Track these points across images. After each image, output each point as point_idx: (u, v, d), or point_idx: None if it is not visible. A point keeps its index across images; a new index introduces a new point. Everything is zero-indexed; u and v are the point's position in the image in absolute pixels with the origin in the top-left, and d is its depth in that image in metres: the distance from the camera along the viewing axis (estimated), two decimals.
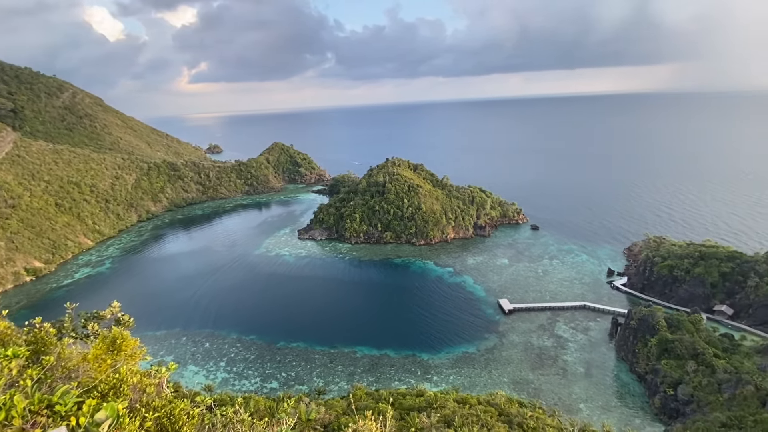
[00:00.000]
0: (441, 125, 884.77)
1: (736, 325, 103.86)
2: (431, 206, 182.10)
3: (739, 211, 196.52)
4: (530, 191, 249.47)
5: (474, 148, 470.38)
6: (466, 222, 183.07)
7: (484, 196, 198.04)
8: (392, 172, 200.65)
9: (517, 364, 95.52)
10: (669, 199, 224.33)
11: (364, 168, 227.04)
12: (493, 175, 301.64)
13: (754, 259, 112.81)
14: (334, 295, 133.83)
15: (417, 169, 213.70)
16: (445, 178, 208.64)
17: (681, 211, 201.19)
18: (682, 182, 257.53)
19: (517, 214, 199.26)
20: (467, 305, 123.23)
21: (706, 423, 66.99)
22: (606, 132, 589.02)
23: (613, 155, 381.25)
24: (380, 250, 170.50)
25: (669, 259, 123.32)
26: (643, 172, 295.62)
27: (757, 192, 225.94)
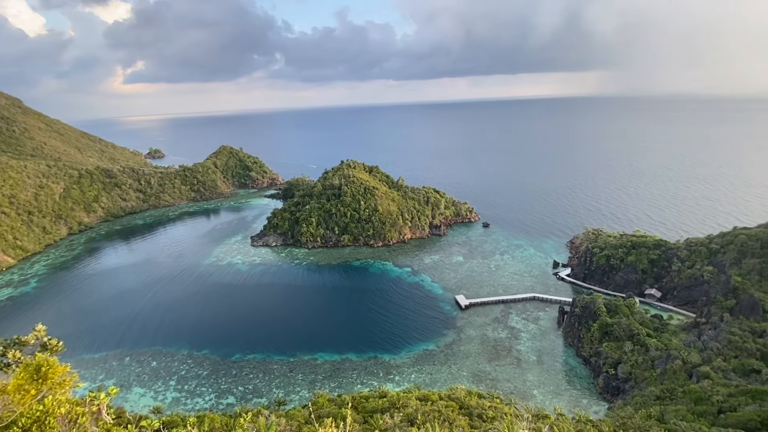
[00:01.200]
0: (394, 128, 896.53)
1: (664, 306, 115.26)
2: (388, 208, 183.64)
3: (660, 203, 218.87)
4: (480, 190, 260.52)
5: (426, 150, 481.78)
6: (422, 222, 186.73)
7: (438, 196, 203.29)
8: (348, 174, 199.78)
9: (474, 357, 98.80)
10: (602, 193, 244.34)
11: (320, 171, 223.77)
12: (445, 175, 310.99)
13: (676, 246, 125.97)
14: (292, 303, 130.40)
15: (373, 171, 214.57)
16: (400, 179, 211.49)
17: (612, 205, 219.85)
18: (611, 178, 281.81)
19: (469, 213, 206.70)
20: (426, 303, 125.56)
21: (642, 397, 73.50)
22: (545, 133, 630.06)
23: (552, 154, 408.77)
24: (338, 253, 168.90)
25: (606, 250, 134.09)
26: (578, 169, 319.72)
27: (673, 186, 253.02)
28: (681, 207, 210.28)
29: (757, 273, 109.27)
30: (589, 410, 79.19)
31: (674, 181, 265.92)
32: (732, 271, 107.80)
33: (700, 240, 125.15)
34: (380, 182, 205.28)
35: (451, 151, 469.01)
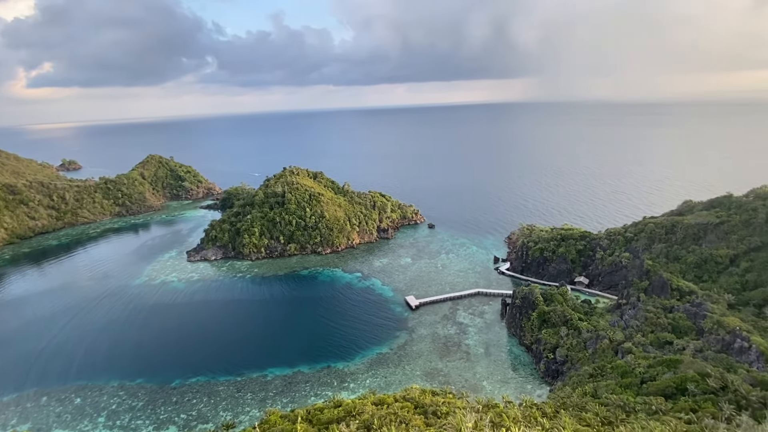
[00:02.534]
0: (336, 133, 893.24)
1: (592, 292, 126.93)
2: (335, 214, 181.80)
3: (582, 198, 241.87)
4: (424, 192, 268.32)
5: (370, 155, 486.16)
6: (369, 226, 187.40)
7: (384, 200, 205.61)
8: (291, 181, 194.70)
9: (427, 355, 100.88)
10: (532, 191, 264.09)
11: (264, 179, 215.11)
12: (390, 179, 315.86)
13: (599, 237, 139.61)
14: (237, 319, 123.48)
15: (317, 177, 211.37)
16: (346, 184, 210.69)
17: (542, 202, 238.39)
18: (539, 177, 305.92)
19: (415, 215, 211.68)
20: (377, 307, 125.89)
21: (578, 376, 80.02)
22: (479, 137, 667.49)
23: (486, 157, 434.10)
24: (285, 263, 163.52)
25: (539, 243, 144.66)
26: (510, 170, 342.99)
27: (592, 182, 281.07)
28: (599, 201, 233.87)
29: (664, 256, 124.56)
30: (533, 394, 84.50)
31: (592, 178, 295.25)
32: (644, 255, 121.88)
33: (617, 230, 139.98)
34: (325, 188, 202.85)
35: (394, 155, 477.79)
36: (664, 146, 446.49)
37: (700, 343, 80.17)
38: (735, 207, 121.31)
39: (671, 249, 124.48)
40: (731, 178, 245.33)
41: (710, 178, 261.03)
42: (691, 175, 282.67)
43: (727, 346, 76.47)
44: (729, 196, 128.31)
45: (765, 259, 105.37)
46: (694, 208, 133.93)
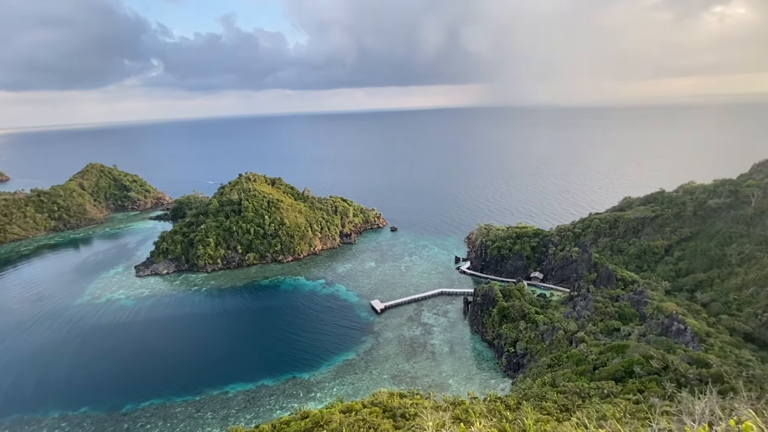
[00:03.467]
0: (295, 138, 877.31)
1: (547, 286, 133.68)
2: (295, 220, 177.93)
3: (534, 197, 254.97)
4: (386, 196, 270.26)
5: (330, 159, 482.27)
6: (332, 232, 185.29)
7: (346, 204, 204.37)
8: (248, 188, 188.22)
9: (394, 358, 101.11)
10: (488, 192, 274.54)
11: (217, 187, 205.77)
12: (351, 183, 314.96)
13: (550, 233, 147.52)
14: (193, 334, 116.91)
15: (276, 184, 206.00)
16: (306, 190, 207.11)
17: (498, 202, 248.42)
18: (493, 178, 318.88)
19: (377, 219, 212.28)
20: (342, 313, 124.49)
21: (537, 368, 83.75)
22: (436, 140, 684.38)
23: (443, 159, 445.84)
24: (243, 273, 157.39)
25: (497, 242, 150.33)
26: (467, 171, 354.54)
27: (541, 182, 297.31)
28: (549, 200, 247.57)
29: (609, 249, 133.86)
30: (497, 388, 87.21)
31: (541, 178, 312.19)
32: (592, 249, 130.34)
33: (566, 226, 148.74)
34: (285, 194, 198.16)
35: (354, 159, 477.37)
36: (603, 147, 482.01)
37: (643, 328, 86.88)
38: (667, 202, 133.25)
39: (615, 242, 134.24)
40: (662, 175, 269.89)
41: (645, 176, 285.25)
42: (628, 173, 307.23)
43: (666, 330, 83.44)
44: (662, 192, 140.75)
45: (694, 248, 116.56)
46: (632, 203, 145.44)
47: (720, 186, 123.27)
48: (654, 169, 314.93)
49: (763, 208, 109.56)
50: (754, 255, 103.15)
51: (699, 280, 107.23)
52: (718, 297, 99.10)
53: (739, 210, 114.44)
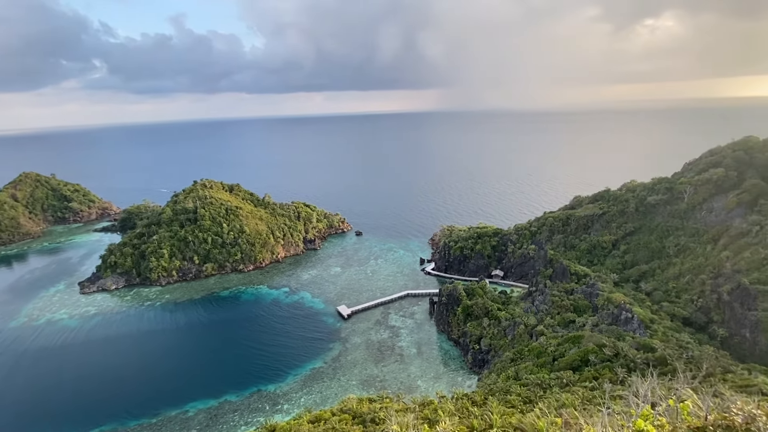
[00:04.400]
0: (253, 142, 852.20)
1: (507, 283, 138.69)
2: (256, 227, 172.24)
3: (491, 198, 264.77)
4: (350, 200, 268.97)
5: (290, 164, 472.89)
6: (295, 238, 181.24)
7: (309, 210, 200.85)
8: (204, 195, 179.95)
9: (362, 363, 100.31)
10: (448, 194, 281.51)
11: (171, 195, 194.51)
12: (314, 188, 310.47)
13: (509, 232, 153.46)
14: (147, 352, 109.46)
15: (234, 190, 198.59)
16: (266, 196, 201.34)
17: (458, 203, 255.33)
18: (453, 180, 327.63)
19: (342, 223, 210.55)
20: (308, 321, 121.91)
21: (501, 363, 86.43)
22: (396, 144, 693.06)
23: (404, 163, 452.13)
24: (201, 285, 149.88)
25: (459, 242, 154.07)
26: (428, 174, 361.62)
27: (498, 184, 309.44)
28: (506, 200, 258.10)
29: (563, 245, 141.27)
30: (464, 385, 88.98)
31: (498, 180, 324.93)
32: (547, 246, 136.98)
33: (524, 225, 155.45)
34: (244, 201, 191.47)
35: (316, 164, 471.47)
36: (554, 149, 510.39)
37: (595, 319, 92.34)
38: (612, 199, 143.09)
39: (568, 239, 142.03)
40: (608, 174, 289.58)
41: (592, 176, 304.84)
42: (577, 173, 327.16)
43: (616, 319, 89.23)
44: (607, 190, 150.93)
45: (637, 242, 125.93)
46: (582, 202, 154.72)
47: (657, 184, 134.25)
48: (600, 168, 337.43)
49: (694, 203, 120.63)
50: (688, 246, 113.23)
51: (642, 271, 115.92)
52: (660, 286, 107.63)
53: (674, 205, 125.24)
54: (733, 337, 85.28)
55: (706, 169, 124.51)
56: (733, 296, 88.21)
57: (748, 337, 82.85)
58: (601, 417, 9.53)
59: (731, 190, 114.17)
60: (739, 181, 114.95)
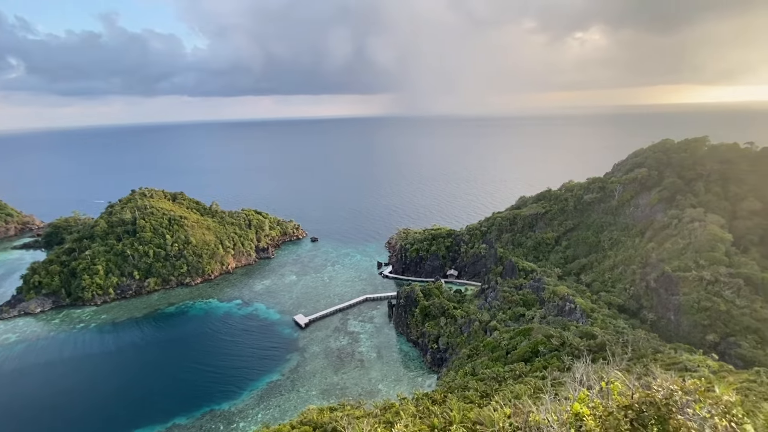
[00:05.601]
0: (197, 148, 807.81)
1: (462, 282, 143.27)
2: (203, 237, 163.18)
3: (444, 200, 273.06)
4: (304, 206, 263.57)
5: (239, 170, 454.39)
6: (246, 247, 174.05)
7: (261, 217, 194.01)
8: (144, 205, 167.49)
9: (321, 372, 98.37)
10: (403, 197, 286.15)
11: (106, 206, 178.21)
12: (265, 195, 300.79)
13: (461, 233, 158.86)
14: (81, 380, 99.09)
15: (177, 199, 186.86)
16: (214, 204, 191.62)
17: (412, 206, 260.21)
18: (407, 184, 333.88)
19: (296, 230, 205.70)
20: (263, 333, 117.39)
21: (459, 360, 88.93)
22: (349, 148, 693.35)
23: (358, 167, 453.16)
24: (143, 302, 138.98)
25: (415, 244, 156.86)
26: (381, 178, 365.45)
27: (449, 186, 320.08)
28: (457, 202, 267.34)
29: (511, 243, 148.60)
30: (424, 385, 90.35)
31: (448, 182, 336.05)
32: (497, 245, 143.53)
33: (475, 225, 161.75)
34: (189, 210, 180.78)
35: (266, 169, 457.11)
36: (499, 152, 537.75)
37: (543, 311, 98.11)
38: (554, 199, 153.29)
39: (515, 237, 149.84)
40: (548, 175, 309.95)
41: (535, 177, 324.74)
42: (521, 175, 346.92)
43: (561, 310, 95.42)
44: (549, 190, 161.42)
45: (577, 238, 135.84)
46: (527, 201, 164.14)
47: (592, 183, 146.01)
48: (541, 170, 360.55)
49: (623, 200, 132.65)
50: (620, 240, 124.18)
51: (582, 265, 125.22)
52: (597, 277, 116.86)
53: (607, 203, 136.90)
54: (661, 320, 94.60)
55: (632, 169, 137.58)
56: (659, 283, 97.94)
57: (672, 320, 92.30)
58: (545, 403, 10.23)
59: (653, 188, 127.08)
60: (660, 179, 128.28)
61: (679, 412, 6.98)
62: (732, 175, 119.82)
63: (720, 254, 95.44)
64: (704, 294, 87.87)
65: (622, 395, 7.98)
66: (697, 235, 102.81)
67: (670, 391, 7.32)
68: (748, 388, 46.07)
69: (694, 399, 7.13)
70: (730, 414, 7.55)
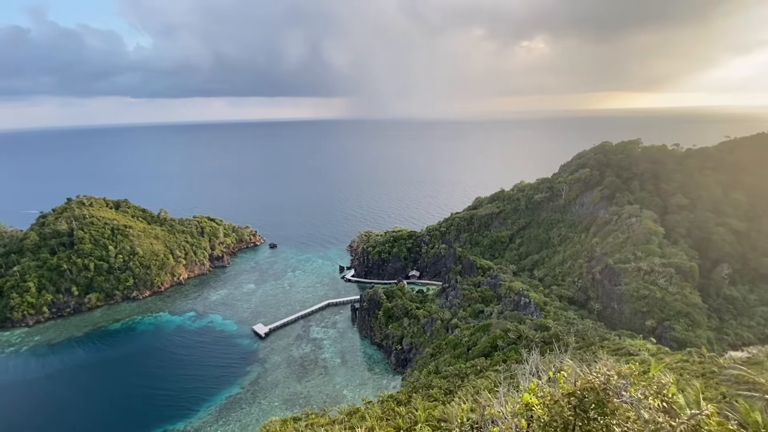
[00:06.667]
0: (142, 152, 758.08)
1: (423, 282, 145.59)
2: (151, 248, 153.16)
3: (403, 203, 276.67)
4: (260, 211, 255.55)
5: (189, 175, 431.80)
6: (199, 256, 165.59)
7: (214, 224, 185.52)
8: (82, 215, 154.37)
9: (284, 382, 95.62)
10: (363, 201, 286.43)
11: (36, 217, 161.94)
12: (218, 201, 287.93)
13: (422, 234, 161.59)
14: (14, 409, 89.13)
15: (120, 207, 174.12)
16: (162, 212, 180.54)
17: (373, 208, 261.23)
18: (366, 187, 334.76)
19: (253, 237, 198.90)
20: (220, 345, 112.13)
21: (422, 359, 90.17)
22: (307, 151, 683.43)
23: (317, 170, 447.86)
24: (84, 320, 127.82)
25: (377, 247, 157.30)
26: (341, 182, 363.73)
27: (409, 188, 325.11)
28: (417, 204, 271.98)
29: (468, 242, 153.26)
30: (389, 387, 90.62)
31: (407, 185, 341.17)
32: (455, 245, 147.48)
33: (434, 226, 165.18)
34: (134, 219, 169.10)
35: (220, 174, 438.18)
36: (455, 155, 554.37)
37: (500, 307, 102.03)
38: (507, 199, 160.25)
39: (472, 236, 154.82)
40: (502, 176, 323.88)
41: (489, 178, 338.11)
42: (476, 176, 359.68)
43: (516, 305, 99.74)
44: (502, 191, 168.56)
45: (529, 235, 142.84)
46: (482, 202, 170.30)
47: (541, 183, 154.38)
48: (495, 171, 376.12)
49: (569, 199, 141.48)
50: (568, 236, 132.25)
51: (535, 261, 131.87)
52: (549, 272, 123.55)
53: (555, 202, 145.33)
54: (606, 309, 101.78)
55: (577, 169, 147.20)
56: (603, 275, 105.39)
57: (616, 308, 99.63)
58: (499, 397, 10.68)
59: (596, 187, 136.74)
60: (601, 178, 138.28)
61: (616, 395, 7.54)
62: (662, 173, 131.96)
63: (654, 246, 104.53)
64: (642, 283, 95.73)
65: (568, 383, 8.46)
66: (634, 229, 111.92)
67: (607, 377, 7.89)
68: (682, 367, 50.69)
69: (629, 382, 7.75)
70: (662, 393, 8.22)
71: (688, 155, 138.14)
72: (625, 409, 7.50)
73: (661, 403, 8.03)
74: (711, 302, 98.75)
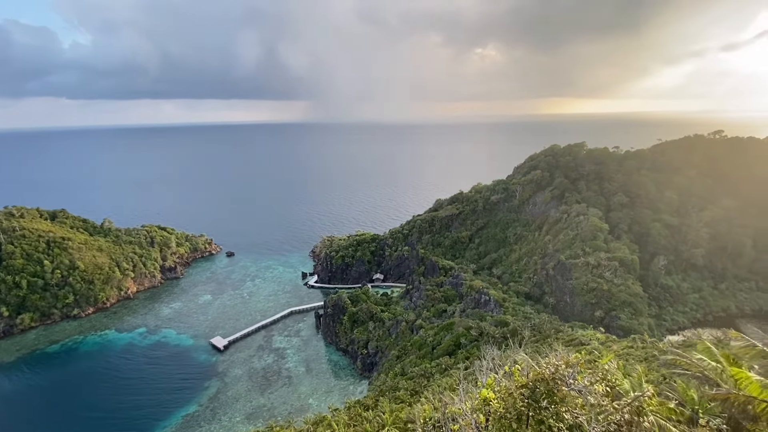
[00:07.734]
0: (81, 157, 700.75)
1: (388, 285, 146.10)
2: (93, 261, 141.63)
3: (365, 206, 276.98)
4: (215, 219, 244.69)
5: (136, 182, 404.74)
6: (149, 268, 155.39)
7: (165, 233, 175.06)
8: (12, 227, 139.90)
9: (246, 395, 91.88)
10: (324, 205, 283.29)
11: None
12: (169, 208, 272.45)
13: (385, 237, 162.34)
14: None
15: (57, 218, 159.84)
16: (106, 221, 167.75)
17: (335, 213, 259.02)
18: (326, 191, 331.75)
19: (208, 245, 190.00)
20: (175, 362, 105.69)
21: (389, 362, 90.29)
22: (265, 156, 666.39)
23: (274, 175, 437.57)
24: (15, 343, 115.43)
25: (340, 251, 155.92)
26: (300, 187, 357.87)
27: (370, 192, 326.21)
28: (379, 207, 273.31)
29: (430, 244, 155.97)
30: (356, 392, 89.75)
31: (369, 188, 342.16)
32: (418, 246, 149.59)
33: (397, 229, 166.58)
34: (74, 230, 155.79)
35: (170, 180, 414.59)
36: (416, 158, 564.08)
37: (462, 305, 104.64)
38: (465, 200, 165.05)
39: (434, 237, 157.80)
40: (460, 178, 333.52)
41: (448, 180, 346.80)
42: (436, 179, 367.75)
43: (477, 302, 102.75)
44: (461, 192, 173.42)
45: (487, 235, 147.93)
46: (443, 204, 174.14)
47: (497, 185, 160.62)
48: (454, 174, 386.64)
49: (523, 199, 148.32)
50: (523, 234, 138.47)
51: (493, 259, 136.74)
52: (506, 270, 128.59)
53: (511, 202, 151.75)
54: (559, 303, 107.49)
55: (529, 171, 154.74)
56: (556, 270, 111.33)
57: (568, 301, 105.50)
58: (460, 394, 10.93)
59: (547, 187, 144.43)
60: (551, 179, 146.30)
61: (564, 384, 7.95)
62: (605, 174, 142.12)
63: (600, 242, 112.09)
64: (591, 277, 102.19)
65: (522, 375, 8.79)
66: (582, 226, 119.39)
67: (556, 367, 8.30)
68: (627, 353, 54.52)
69: (576, 371, 8.20)
70: (607, 379, 8.74)
71: (627, 157, 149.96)
72: (574, 397, 7.92)
73: (606, 387, 8.54)
74: (650, 291, 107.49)
